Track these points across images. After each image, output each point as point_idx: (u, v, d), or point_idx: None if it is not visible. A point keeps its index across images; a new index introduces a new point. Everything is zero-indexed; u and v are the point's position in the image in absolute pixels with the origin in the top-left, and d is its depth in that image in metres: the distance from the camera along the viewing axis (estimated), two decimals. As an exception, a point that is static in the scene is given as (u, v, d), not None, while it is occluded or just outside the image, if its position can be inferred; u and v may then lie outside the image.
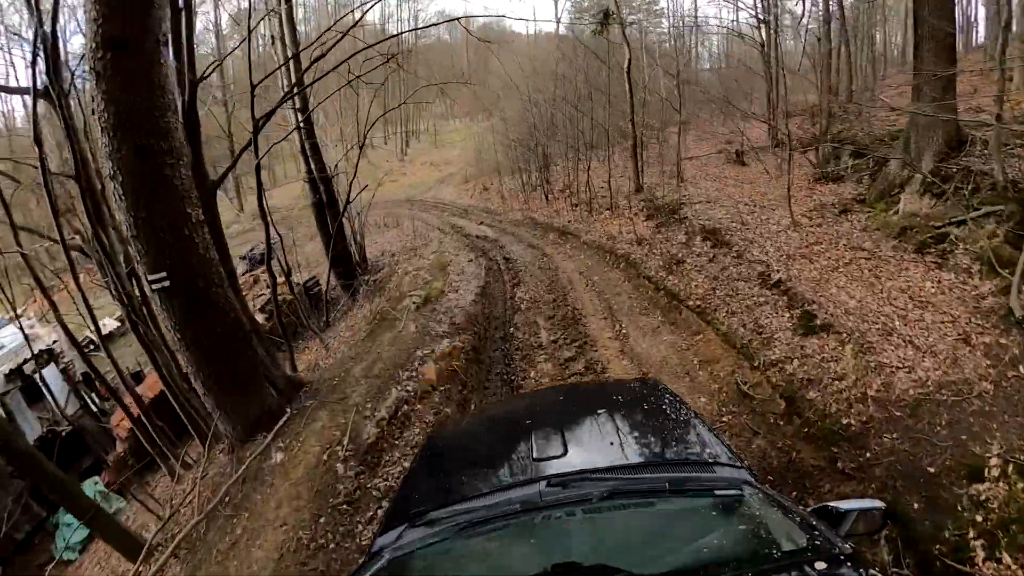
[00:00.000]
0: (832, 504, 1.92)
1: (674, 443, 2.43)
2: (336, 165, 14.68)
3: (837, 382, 6.01)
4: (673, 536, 1.80)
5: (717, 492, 1.88)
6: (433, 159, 36.40)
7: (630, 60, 15.83)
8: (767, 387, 6.50)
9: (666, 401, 2.73)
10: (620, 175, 18.85)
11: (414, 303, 9.26)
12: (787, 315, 7.34)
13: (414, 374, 6.66)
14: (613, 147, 20.28)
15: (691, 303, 8.27)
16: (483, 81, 26.39)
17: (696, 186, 14.46)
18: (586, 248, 13.17)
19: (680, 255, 10.02)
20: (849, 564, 1.43)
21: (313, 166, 13.60)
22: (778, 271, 8.23)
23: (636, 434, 2.52)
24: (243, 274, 21.58)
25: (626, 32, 16.60)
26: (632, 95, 15.56)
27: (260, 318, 14.76)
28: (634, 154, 15.53)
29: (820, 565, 1.40)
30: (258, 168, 7.97)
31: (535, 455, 2.27)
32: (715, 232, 10.16)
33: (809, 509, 1.93)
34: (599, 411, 2.63)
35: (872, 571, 1.40)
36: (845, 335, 6.58)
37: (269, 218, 8.66)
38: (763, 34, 19.03)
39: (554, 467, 2.15)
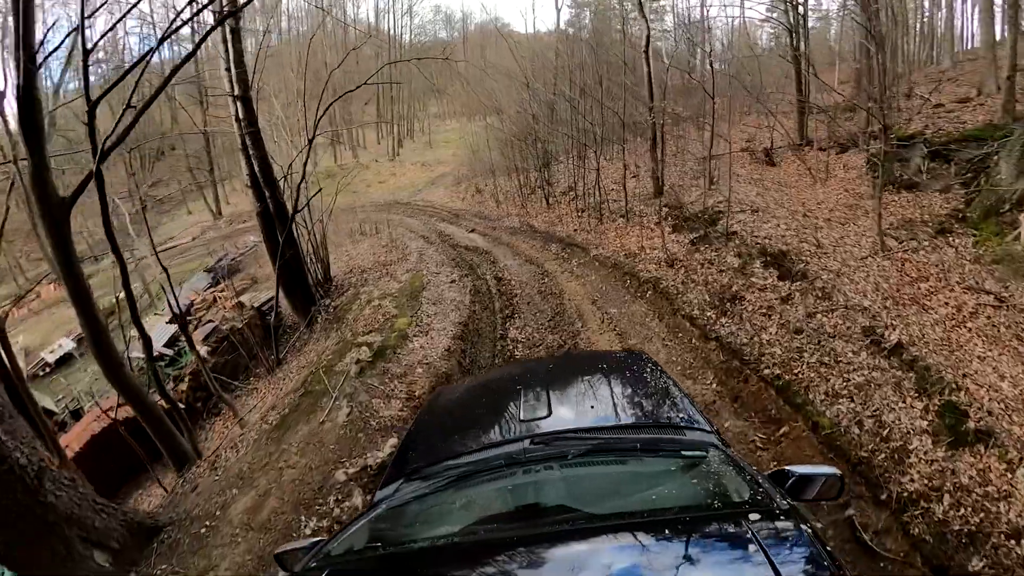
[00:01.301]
0: (789, 468, 2.00)
1: (651, 408, 2.63)
2: (291, 165, 11.98)
3: (1012, 542, 3.50)
4: (634, 487, 1.93)
5: (684, 452, 2.03)
6: (425, 159, 33.71)
7: (648, 37, 13.11)
8: (902, 541, 3.84)
9: (648, 371, 2.91)
10: (632, 175, 16.15)
11: (360, 361, 6.53)
12: (920, 405, 4.65)
13: (324, 523, 3.95)
14: (624, 142, 17.61)
15: (765, 370, 5.54)
16: (479, 80, 23.72)
17: (730, 190, 11.76)
18: (597, 267, 10.45)
19: (735, 288, 7.31)
20: (783, 518, 1.51)
21: (256, 166, 10.89)
22: (892, 326, 5.51)
23: (616, 399, 2.70)
24: (206, 288, 18.90)
25: (644, 5, 13.89)
26: (651, 79, 12.84)
27: (203, 350, 12.27)
28: (653, 149, 12.80)
29: (754, 516, 1.49)
30: (99, 177, 5.21)
31: (522, 416, 2.45)
32: (781, 256, 7.48)
33: (768, 472, 2.01)
34: (584, 378, 2.95)
35: (804, 526, 1.46)
36: (1014, 452, 4.04)
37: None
38: (791, 18, 16.52)
39: (539, 427, 2.33)
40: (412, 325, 7.93)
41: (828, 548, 1.43)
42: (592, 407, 2.58)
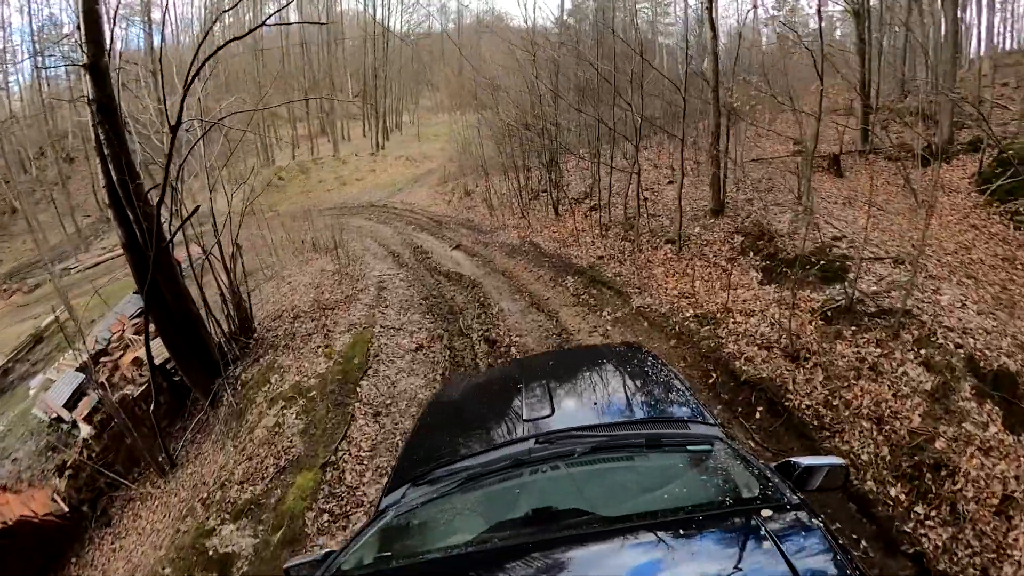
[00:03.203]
0: (794, 459, 1.97)
1: (653, 402, 2.57)
2: (168, 170, 8.09)
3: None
4: (644, 485, 1.90)
5: (689, 447, 2.00)
6: (410, 153, 29.67)
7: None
8: None
9: (648, 364, 2.87)
10: (668, 180, 12.25)
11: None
12: None
13: None
14: (659, 135, 13.77)
15: None
16: (475, 68, 19.87)
17: (820, 211, 8.05)
18: (648, 330, 6.62)
19: (936, 440, 3.74)
20: (794, 513, 1.50)
21: (115, 176, 7.02)
22: None
23: (618, 394, 2.70)
24: (136, 315, 14.86)
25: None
26: (716, 52, 8.93)
27: (87, 431, 8.68)
28: (715, 147, 8.91)
29: (766, 512, 1.47)
30: None
31: (525, 415, 2.40)
32: (1005, 380, 3.83)
33: (774, 464, 1.98)
34: (585, 374, 2.88)
35: (815, 520, 1.46)
36: None
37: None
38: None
39: (542, 426, 2.29)
40: (319, 490, 4.09)
41: (840, 542, 1.42)
42: (595, 404, 2.58)
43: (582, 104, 13.15)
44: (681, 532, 1.49)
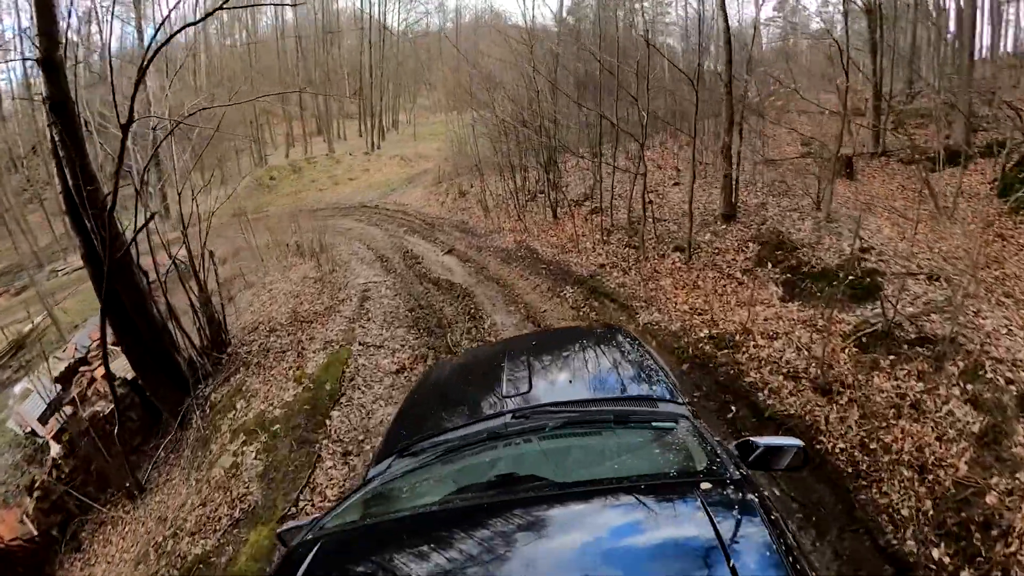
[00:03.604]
0: (752, 439, 2.09)
1: (626, 381, 2.66)
2: (144, 177, 7.50)
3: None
4: (601, 457, 2.00)
5: (655, 424, 2.08)
6: (405, 153, 29.00)
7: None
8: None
9: (627, 345, 3.00)
10: (674, 182, 11.65)
11: None
12: None
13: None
14: (661, 134, 13.22)
15: None
16: (471, 64, 19.16)
17: (840, 218, 7.48)
18: (663, 356, 6.01)
19: (987, 493, 3.20)
20: (733, 487, 1.53)
21: (70, 181, 6.42)
22: None
23: (594, 373, 2.81)
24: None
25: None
26: (729, 43, 8.33)
27: (55, 450, 8.10)
28: (727, 145, 8.31)
29: (705, 485, 1.54)
30: None
31: (505, 392, 2.57)
32: None
33: (733, 443, 2.09)
34: (565, 353, 3.06)
35: (751, 495, 1.50)
36: None
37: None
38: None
39: (520, 402, 2.45)
40: (274, 551, 3.50)
41: (773, 516, 1.45)
42: (571, 381, 2.71)
43: (582, 99, 12.56)
44: (621, 499, 1.59)
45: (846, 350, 4.79)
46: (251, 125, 35.19)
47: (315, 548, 1.66)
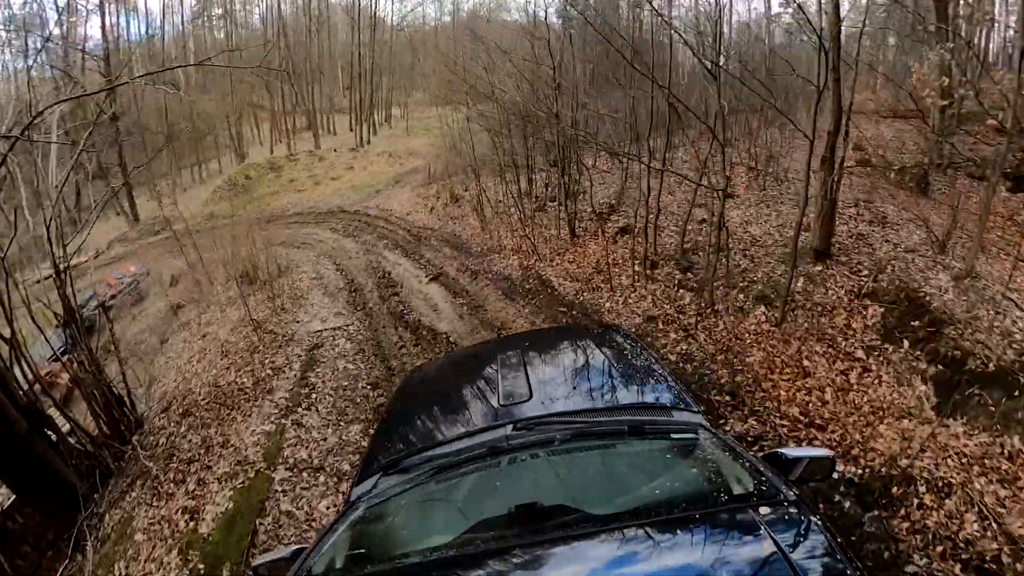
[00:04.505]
0: (782, 451, 1.90)
1: (633, 387, 2.46)
2: None
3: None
4: (630, 477, 1.82)
5: (673, 435, 1.92)
6: (395, 149, 26.30)
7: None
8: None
9: (627, 347, 2.77)
10: (709, 194, 8.98)
11: None
12: None
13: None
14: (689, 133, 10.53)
15: None
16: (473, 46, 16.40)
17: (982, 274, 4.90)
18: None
19: None
20: (793, 509, 1.44)
21: None
22: None
23: (598, 378, 2.55)
24: (52, 359, 11.75)
25: None
26: (838, 9, 5.68)
27: None
28: (831, 155, 5.64)
29: (764, 509, 1.42)
30: None
31: (501, 400, 2.28)
32: None
33: (761, 455, 1.90)
34: (564, 356, 2.80)
35: (814, 517, 1.41)
36: None
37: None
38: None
39: (519, 411, 2.18)
40: None
41: (839, 540, 1.35)
42: (574, 388, 2.45)
43: (600, 88, 9.88)
44: (677, 530, 1.43)
45: None
46: (228, 121, 32.48)
47: None
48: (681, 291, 6.27)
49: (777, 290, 5.61)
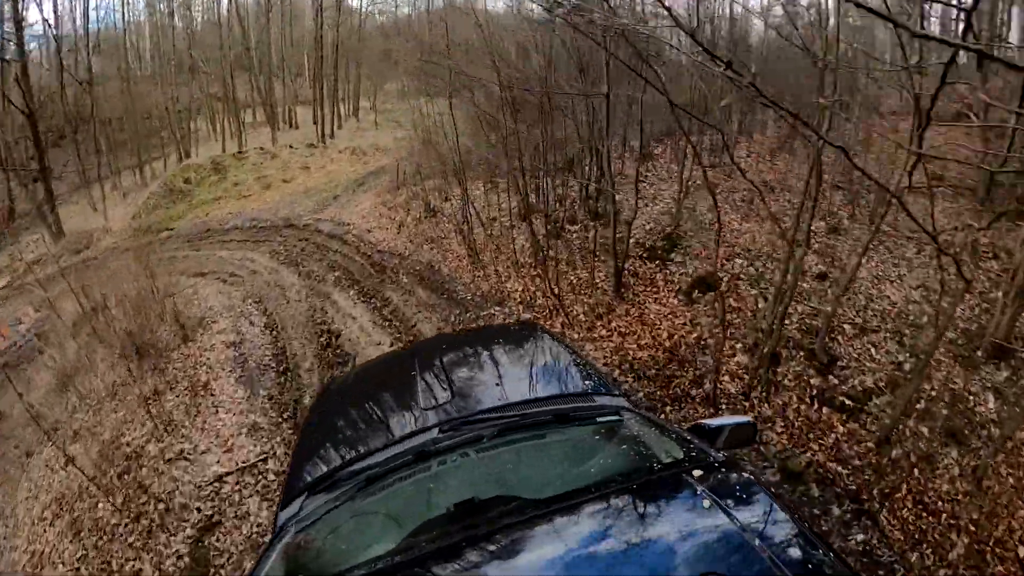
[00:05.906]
0: (704, 422, 1.94)
1: (555, 378, 2.47)
2: None
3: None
4: (563, 462, 1.84)
5: (598, 419, 1.93)
6: (360, 144, 22.73)
7: None
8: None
9: (545, 341, 2.77)
10: (784, 226, 5.88)
11: None
12: None
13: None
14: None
15: None
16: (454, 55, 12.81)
17: None
18: None
19: None
20: (724, 469, 1.48)
21: None
22: None
23: (519, 373, 2.54)
24: None
25: None
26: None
27: None
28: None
29: (697, 472, 1.45)
30: None
31: (424, 404, 2.23)
32: None
33: (684, 428, 1.96)
34: (482, 354, 2.72)
35: (744, 474, 1.46)
36: None
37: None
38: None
39: (444, 413, 2.14)
40: None
41: (773, 489, 1.40)
42: (497, 384, 2.38)
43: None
44: (616, 502, 1.43)
45: None
46: (167, 112, 28.32)
47: None
48: (834, 419, 3.18)
49: (968, 417, 2.65)
